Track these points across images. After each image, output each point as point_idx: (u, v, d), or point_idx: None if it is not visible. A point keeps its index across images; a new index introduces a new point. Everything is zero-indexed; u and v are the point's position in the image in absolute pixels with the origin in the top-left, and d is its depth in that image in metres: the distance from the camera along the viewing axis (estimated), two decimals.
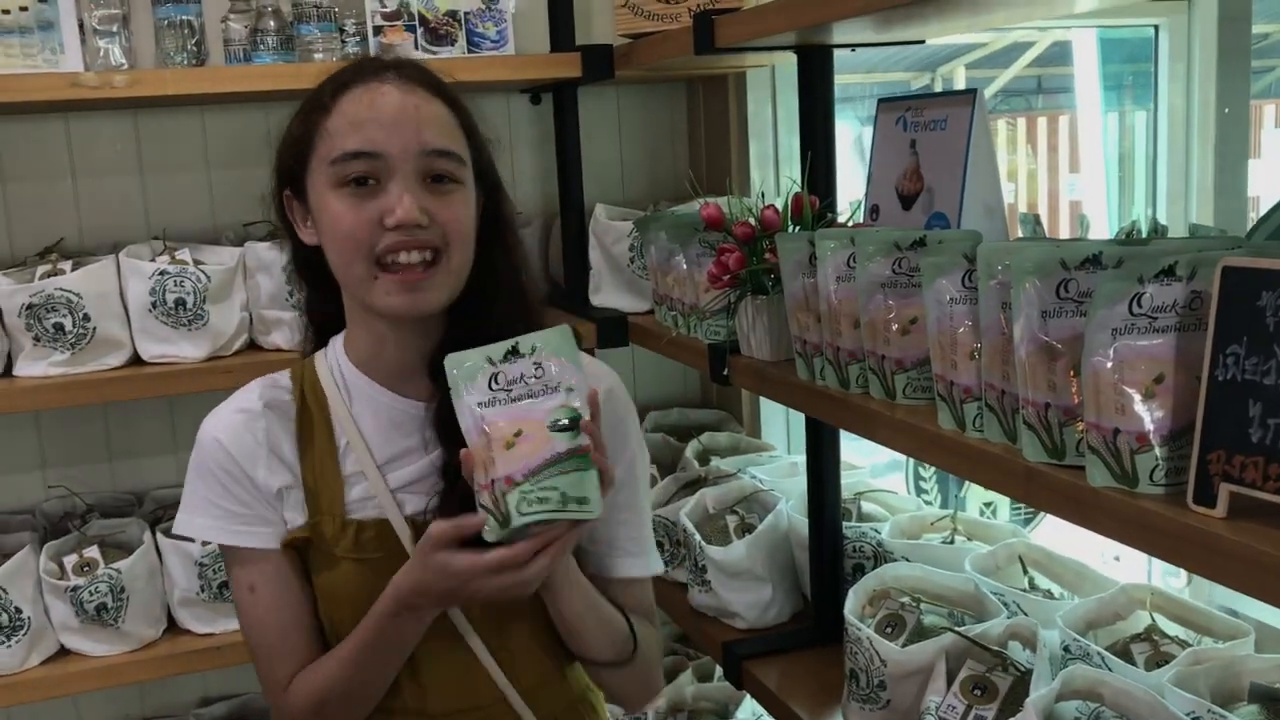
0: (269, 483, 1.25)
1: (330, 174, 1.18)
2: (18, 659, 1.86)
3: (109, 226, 2.09)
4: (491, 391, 1.12)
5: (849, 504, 1.82)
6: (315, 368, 1.30)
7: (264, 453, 1.25)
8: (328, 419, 1.27)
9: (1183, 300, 0.94)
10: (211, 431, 1.27)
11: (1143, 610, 1.40)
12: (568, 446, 1.10)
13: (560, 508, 1.10)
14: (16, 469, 2.12)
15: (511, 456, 1.09)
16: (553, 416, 1.11)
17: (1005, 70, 8.76)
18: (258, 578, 1.27)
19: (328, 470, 1.25)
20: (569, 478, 1.10)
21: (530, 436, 1.10)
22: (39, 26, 1.79)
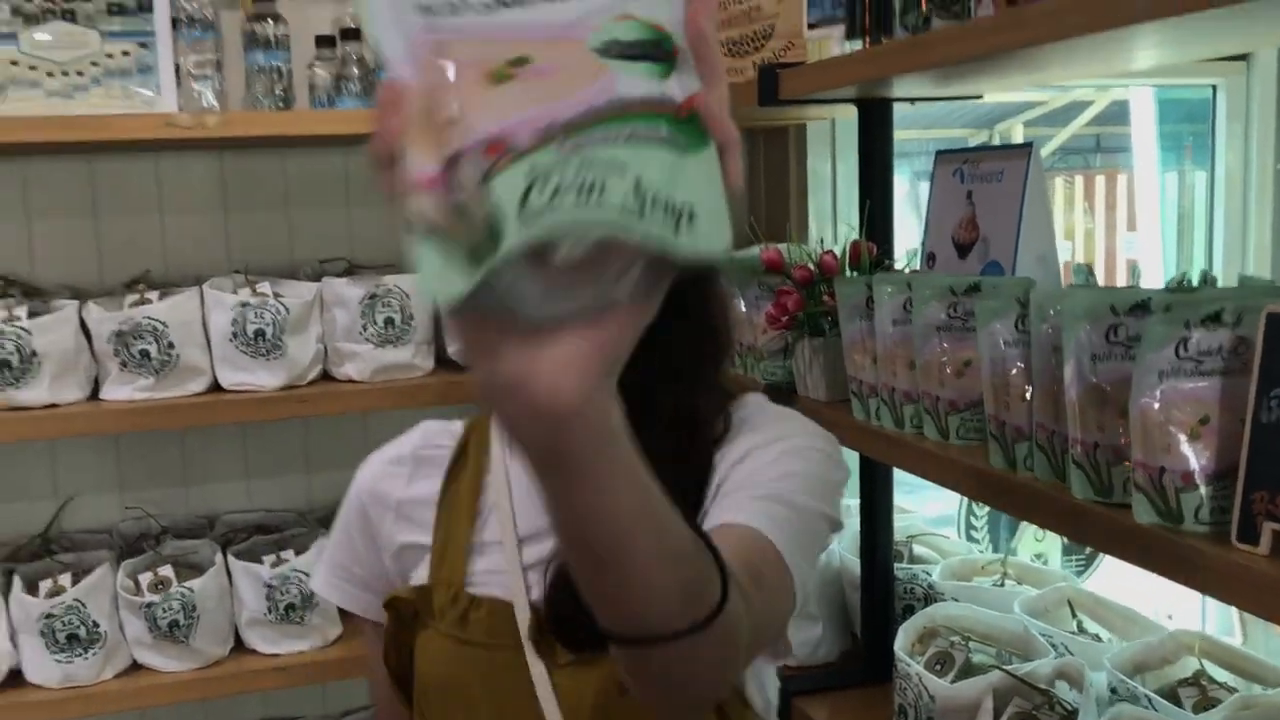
0: (394, 536, 1.13)
1: None
2: (94, 671, 1.93)
3: (193, 260, 2.19)
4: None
5: (901, 546, 1.86)
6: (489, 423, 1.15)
7: (398, 503, 1.14)
8: (480, 477, 1.12)
9: (1228, 345, 0.98)
10: (358, 478, 1.17)
11: (1191, 656, 1.41)
12: (644, 92, 0.53)
13: (628, 213, 0.52)
14: (97, 490, 2.20)
15: (504, 98, 0.52)
16: (604, 34, 0.53)
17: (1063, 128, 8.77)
18: (370, 647, 1.18)
19: (459, 534, 1.10)
20: (647, 154, 0.53)
21: (549, 65, 0.53)
22: (139, 70, 1.90)
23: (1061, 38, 1.06)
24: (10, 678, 1.93)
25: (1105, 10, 1.00)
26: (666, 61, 0.54)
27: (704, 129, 0.54)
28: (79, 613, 1.91)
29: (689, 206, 0.53)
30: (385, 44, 0.53)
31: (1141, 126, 3.29)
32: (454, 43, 0.52)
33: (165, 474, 2.24)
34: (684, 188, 0.53)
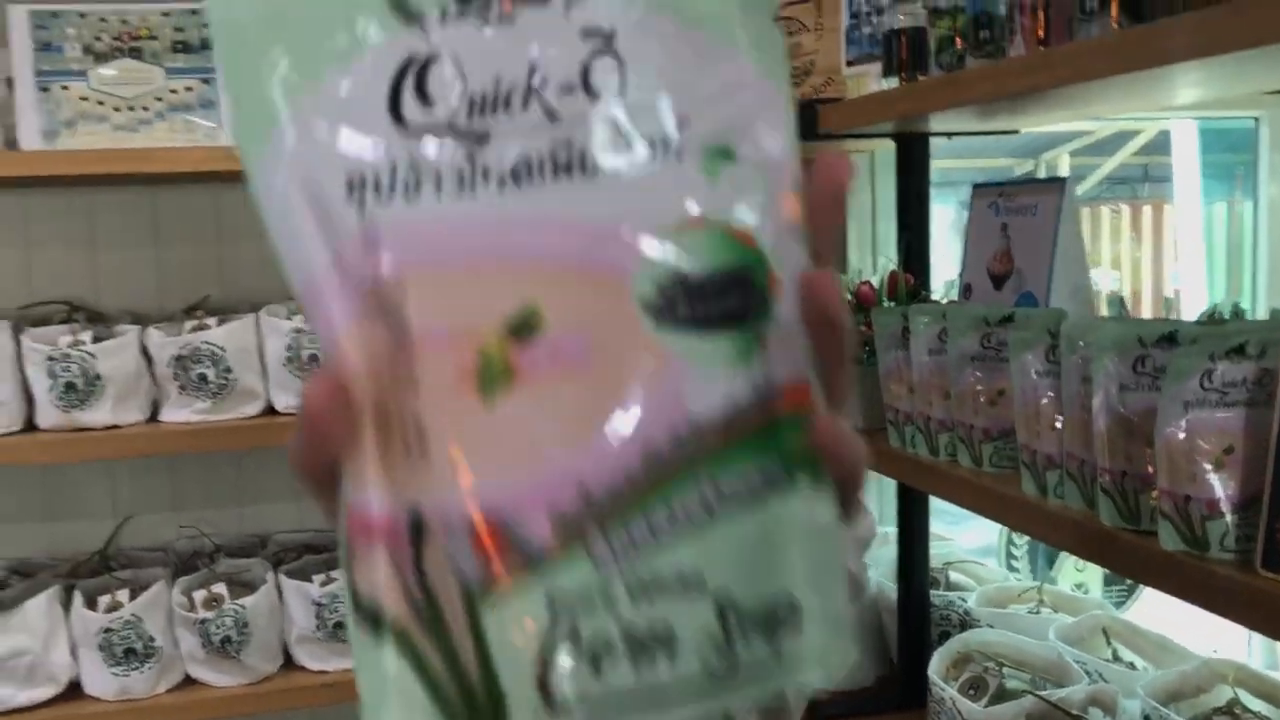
0: None
1: None
2: (149, 684, 1.99)
3: (250, 287, 2.26)
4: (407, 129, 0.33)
5: (938, 573, 1.88)
6: None
7: None
8: None
9: (1252, 377, 1.00)
10: None
11: (1225, 685, 1.43)
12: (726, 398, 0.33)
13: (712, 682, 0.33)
14: (154, 509, 2.27)
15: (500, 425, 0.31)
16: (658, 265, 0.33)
17: (1110, 158, 8.74)
18: None
19: None
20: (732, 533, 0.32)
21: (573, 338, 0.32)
22: (200, 104, 1.98)
23: (1089, 79, 1.10)
24: (70, 690, 1.99)
25: (1131, 53, 1.03)
26: (759, 313, 0.33)
27: (812, 449, 0.33)
28: (136, 628, 1.98)
29: (790, 607, 0.33)
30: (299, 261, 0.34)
31: (1183, 157, 3.30)
32: (417, 276, 0.32)
33: (219, 494, 2.30)
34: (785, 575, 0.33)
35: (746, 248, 0.33)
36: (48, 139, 1.92)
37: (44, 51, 1.93)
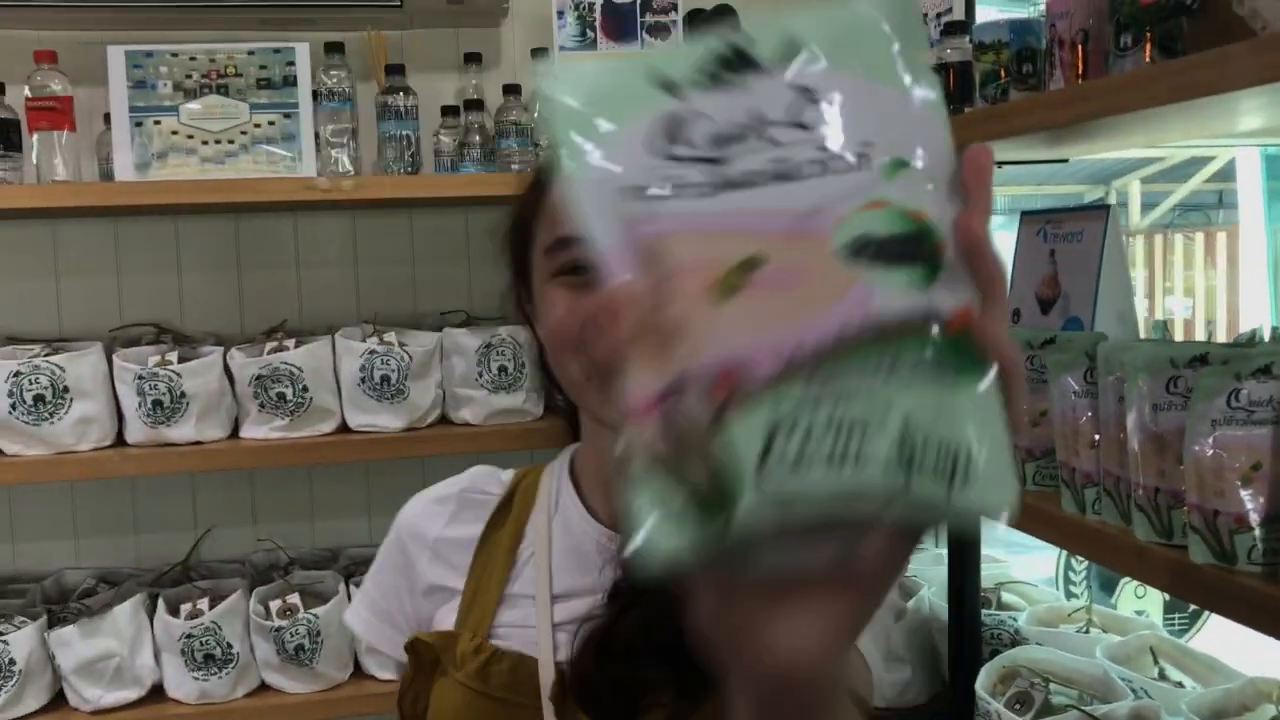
0: (426, 576, 1.10)
1: (548, 263, 1.00)
2: (227, 689, 2.09)
3: (326, 311, 2.37)
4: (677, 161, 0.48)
5: (989, 593, 1.91)
6: (543, 471, 1.13)
7: (435, 541, 1.10)
8: (521, 526, 1.09)
9: (1278, 396, 1.04)
10: (399, 517, 1.15)
11: (1270, 703, 1.45)
12: (906, 306, 0.44)
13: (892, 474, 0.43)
14: (232, 524, 2.38)
15: (736, 315, 0.44)
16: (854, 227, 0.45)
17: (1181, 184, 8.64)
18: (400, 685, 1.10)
19: (492, 582, 1.07)
20: (913, 390, 0.44)
21: (788, 270, 0.45)
22: (282, 138, 2.09)
23: (1123, 111, 1.15)
24: (153, 693, 2.10)
25: (1163, 88, 1.08)
26: (931, 262, 0.45)
27: (979, 352, 0.45)
28: (215, 634, 2.07)
29: (965, 453, 0.43)
30: (596, 236, 0.47)
31: (1247, 183, 3.30)
32: (674, 237, 0.46)
33: (294, 509, 2.40)
34: (958, 429, 0.43)
35: (920, 221, 0.46)
36: (140, 171, 2.04)
37: (138, 89, 2.05)
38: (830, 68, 0.49)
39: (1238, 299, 7.01)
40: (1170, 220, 8.91)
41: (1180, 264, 8.53)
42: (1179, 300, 8.39)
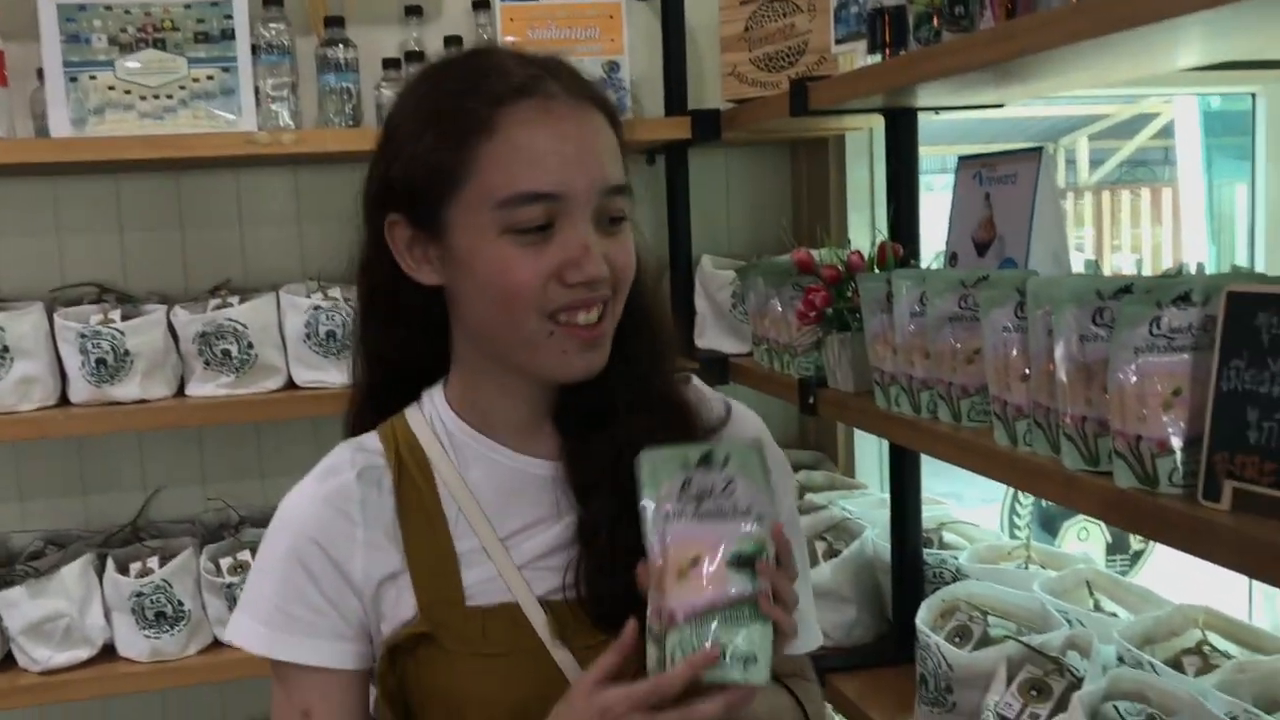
0: (370, 573, 1.05)
1: (498, 217, 0.99)
2: (179, 646, 2.09)
3: (270, 268, 2.35)
4: (680, 501, 0.96)
5: (931, 533, 1.95)
6: (409, 426, 1.10)
7: (362, 535, 1.05)
8: (433, 487, 1.07)
9: (1197, 323, 1.07)
10: (294, 519, 1.07)
11: (1196, 628, 1.49)
12: (738, 591, 0.93)
13: (720, 666, 0.92)
14: (181, 483, 2.37)
15: (682, 588, 0.93)
16: (735, 548, 0.95)
17: (1128, 141, 8.72)
18: (320, 702, 1.06)
19: (438, 548, 1.06)
20: (735, 629, 0.92)
21: (705, 567, 0.94)
22: (222, 93, 2.07)
23: (1051, 46, 1.16)
24: (104, 652, 2.10)
25: (1087, 20, 1.10)
26: (754, 568, 0.95)
27: (764, 611, 0.94)
28: (166, 592, 2.07)
29: (749, 655, 0.92)
30: (648, 531, 0.96)
31: (1185, 137, 3.35)
32: (674, 539, 0.96)
33: (244, 467, 2.40)
34: (749, 646, 0.93)
35: (762, 545, 0.97)
36: (76, 127, 2.01)
37: (72, 43, 2.02)
38: (741, 470, 0.99)
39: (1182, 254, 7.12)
40: (1117, 177, 9.00)
41: (1128, 220, 8.62)
42: (1126, 256, 8.49)
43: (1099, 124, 8.56)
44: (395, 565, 1.06)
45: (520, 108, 0.99)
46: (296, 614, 1.05)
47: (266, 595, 1.06)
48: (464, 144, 0.99)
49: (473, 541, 1.06)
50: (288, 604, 1.05)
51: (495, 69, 1.02)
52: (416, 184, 1.02)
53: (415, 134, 1.02)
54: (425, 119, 1.02)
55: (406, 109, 1.06)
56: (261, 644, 1.06)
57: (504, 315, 1.02)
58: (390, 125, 1.07)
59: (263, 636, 1.06)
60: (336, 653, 1.06)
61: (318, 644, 1.05)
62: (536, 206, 0.99)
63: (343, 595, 1.05)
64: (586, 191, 1.00)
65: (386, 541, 1.06)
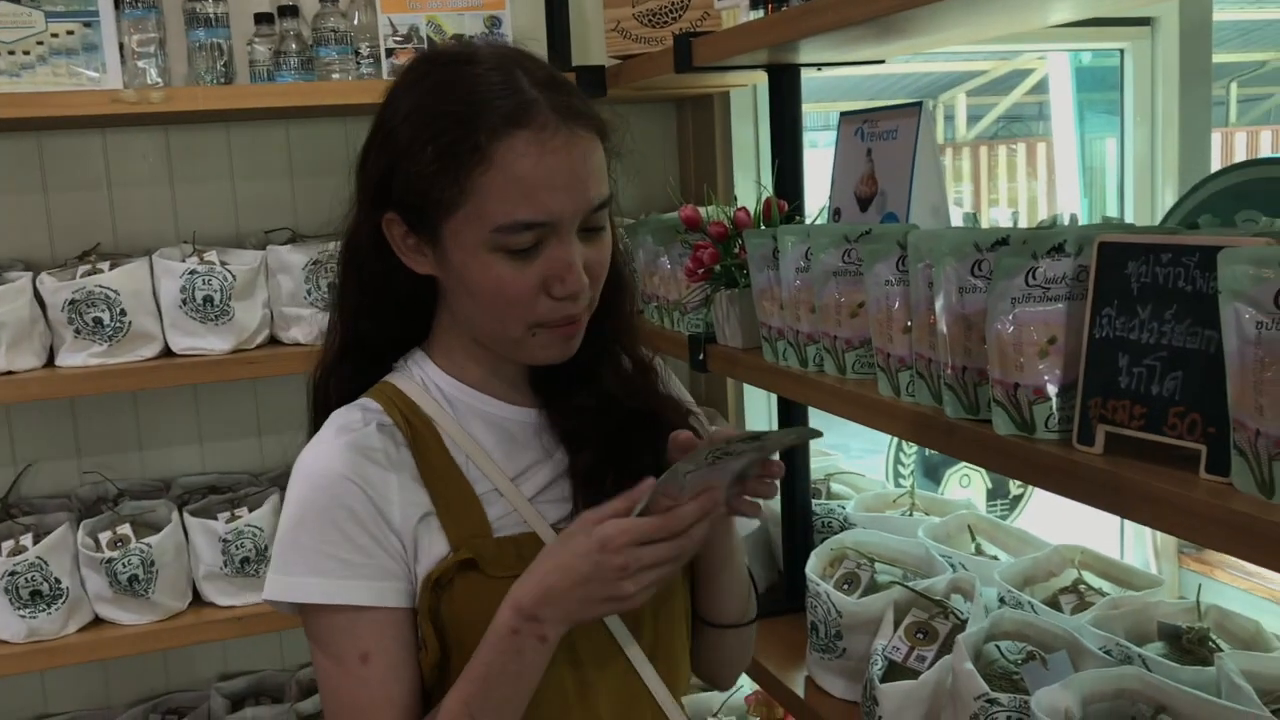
0: (408, 515, 1.11)
1: (491, 239, 1.06)
2: (57, 625, 2.02)
3: (142, 232, 2.27)
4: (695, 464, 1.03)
5: (819, 484, 1.99)
6: (403, 391, 1.17)
7: (395, 480, 1.11)
8: (440, 441, 1.15)
9: (1071, 273, 1.10)
10: (330, 468, 1.10)
11: (1072, 567, 1.55)
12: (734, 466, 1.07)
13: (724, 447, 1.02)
14: (54, 456, 2.29)
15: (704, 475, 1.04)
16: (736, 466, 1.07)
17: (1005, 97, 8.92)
18: (375, 642, 1.09)
19: (460, 490, 1.13)
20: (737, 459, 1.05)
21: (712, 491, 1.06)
22: (84, 48, 1.98)
23: (925, 2, 1.18)
24: None
25: None
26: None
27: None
28: (41, 570, 2.00)
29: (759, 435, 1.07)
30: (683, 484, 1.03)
31: (1058, 92, 3.43)
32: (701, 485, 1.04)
33: (121, 440, 2.32)
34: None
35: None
36: None
37: None
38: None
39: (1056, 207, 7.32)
40: (995, 132, 9.21)
41: (1005, 175, 8.85)
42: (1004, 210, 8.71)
43: (976, 80, 8.74)
44: (426, 506, 1.12)
45: (516, 140, 1.05)
46: (345, 557, 1.08)
47: (306, 544, 1.09)
48: (462, 173, 1.06)
49: (486, 484, 1.14)
50: (335, 549, 1.08)
51: (492, 91, 1.07)
52: (415, 200, 1.09)
53: (414, 147, 1.07)
54: (423, 133, 1.07)
55: (405, 110, 1.10)
56: (314, 592, 1.08)
57: (493, 318, 1.11)
58: (388, 122, 1.11)
59: (312, 586, 1.08)
60: (389, 591, 1.10)
61: (369, 584, 1.09)
62: (528, 233, 1.06)
63: (385, 535, 1.10)
64: (573, 215, 1.08)
65: (415, 485, 1.12)
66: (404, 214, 1.10)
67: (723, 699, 2.22)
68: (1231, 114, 8.38)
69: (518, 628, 1.04)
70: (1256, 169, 1.47)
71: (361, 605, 1.08)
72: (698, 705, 2.22)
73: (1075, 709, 1.17)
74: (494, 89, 1.07)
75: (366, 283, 1.17)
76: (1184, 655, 1.31)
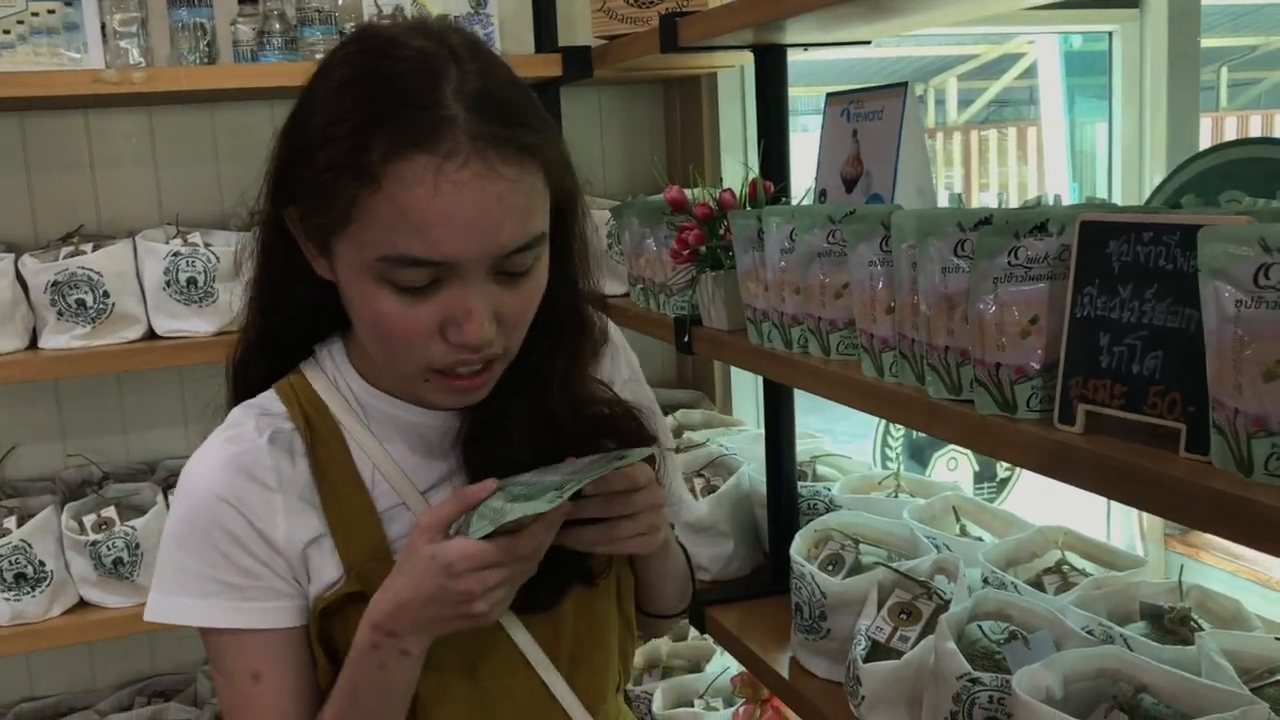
0: (294, 538, 1.03)
1: (376, 269, 0.93)
2: (41, 609, 2.02)
3: (125, 214, 2.26)
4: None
5: (805, 466, 1.99)
6: (313, 388, 1.08)
7: (281, 501, 1.03)
8: (345, 448, 1.06)
9: (1054, 252, 1.10)
10: (207, 487, 1.02)
11: (1056, 548, 1.55)
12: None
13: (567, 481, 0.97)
14: (38, 439, 2.28)
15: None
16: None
17: (995, 81, 8.92)
18: (266, 662, 1.03)
19: (358, 507, 1.05)
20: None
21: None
22: (65, 28, 1.96)
23: None
24: None
25: None
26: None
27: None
28: (25, 553, 2.00)
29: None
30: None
31: (1047, 75, 3.42)
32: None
33: (105, 422, 2.31)
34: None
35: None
36: None
37: None
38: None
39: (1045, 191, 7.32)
40: (985, 116, 9.20)
41: (995, 159, 8.84)
42: (994, 196, 8.71)
43: (967, 65, 8.73)
44: (317, 529, 1.04)
45: (412, 165, 0.90)
46: (228, 579, 1.02)
47: (190, 566, 1.02)
48: (348, 189, 0.91)
49: (392, 498, 1.06)
50: (217, 572, 1.02)
51: (403, 97, 0.92)
52: (307, 201, 0.96)
53: (314, 141, 0.94)
54: (321, 133, 0.93)
55: (322, 91, 0.96)
56: (197, 616, 1.02)
57: (384, 353, 1.00)
58: (305, 98, 0.98)
59: (195, 609, 1.02)
60: (277, 612, 1.04)
61: (257, 606, 1.03)
62: (418, 270, 0.93)
63: (271, 557, 1.03)
64: (479, 259, 0.93)
65: (305, 506, 1.04)
66: (300, 214, 0.98)
67: (709, 681, 2.22)
68: (1222, 99, 8.39)
69: (377, 643, 0.99)
70: (1241, 149, 1.47)
71: (246, 628, 1.02)
72: (683, 687, 2.22)
73: (1057, 688, 1.17)
74: (406, 94, 0.91)
75: (278, 274, 1.05)
76: (1166, 635, 1.31)
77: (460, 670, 1.07)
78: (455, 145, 0.90)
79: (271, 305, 1.08)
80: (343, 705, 1.03)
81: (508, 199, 0.93)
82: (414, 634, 0.99)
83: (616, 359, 1.27)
